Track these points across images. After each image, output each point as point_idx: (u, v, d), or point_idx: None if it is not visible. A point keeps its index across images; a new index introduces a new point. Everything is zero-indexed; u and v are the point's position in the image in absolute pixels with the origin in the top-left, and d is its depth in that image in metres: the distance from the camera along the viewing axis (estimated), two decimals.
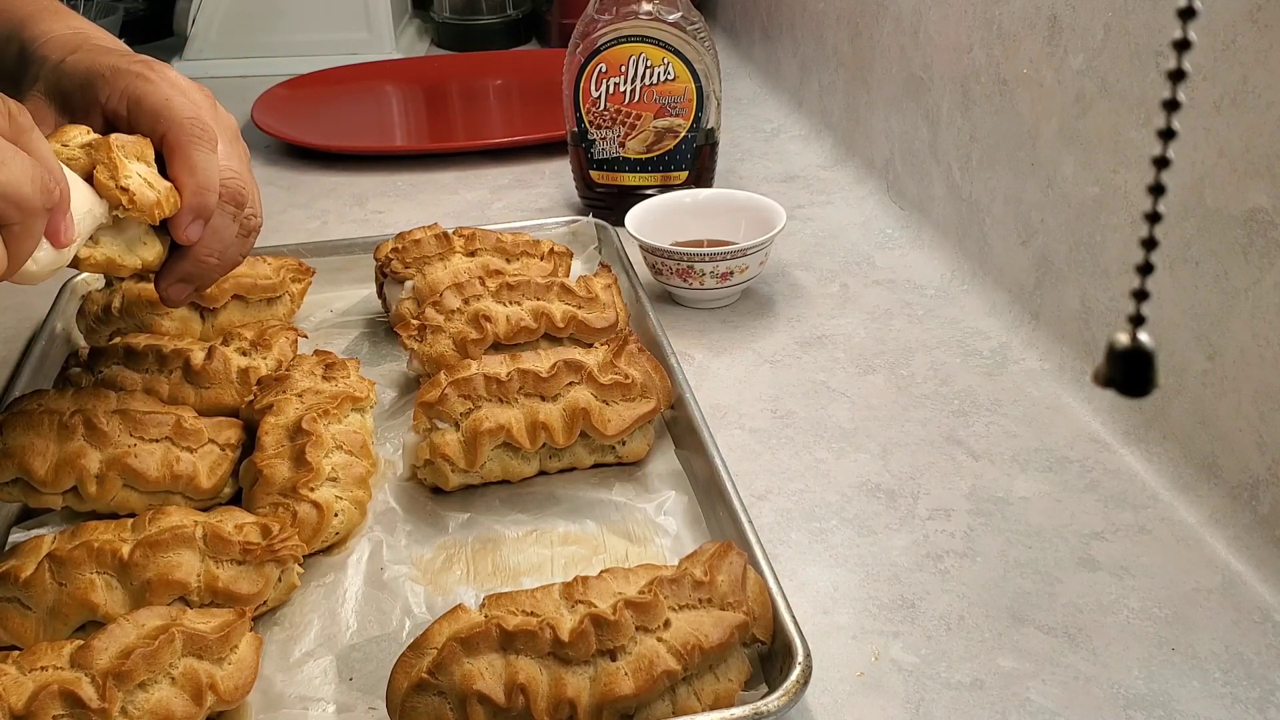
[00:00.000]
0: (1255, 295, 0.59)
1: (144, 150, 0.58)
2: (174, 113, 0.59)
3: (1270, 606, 0.57)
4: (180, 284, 0.62)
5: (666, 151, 1.01)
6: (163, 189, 0.58)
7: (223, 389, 0.72)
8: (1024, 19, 0.80)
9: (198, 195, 0.59)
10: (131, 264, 0.58)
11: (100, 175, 0.54)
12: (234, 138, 0.64)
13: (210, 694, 0.51)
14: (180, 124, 0.59)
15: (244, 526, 0.59)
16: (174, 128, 0.59)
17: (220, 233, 0.61)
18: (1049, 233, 0.79)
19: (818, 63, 1.22)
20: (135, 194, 0.55)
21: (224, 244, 0.62)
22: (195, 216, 0.59)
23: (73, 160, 0.55)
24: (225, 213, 0.61)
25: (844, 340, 0.84)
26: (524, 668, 0.49)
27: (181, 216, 0.59)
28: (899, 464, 0.70)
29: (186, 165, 0.59)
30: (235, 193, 0.61)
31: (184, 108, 0.60)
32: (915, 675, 0.55)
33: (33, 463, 0.62)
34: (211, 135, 0.60)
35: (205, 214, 0.60)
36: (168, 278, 0.62)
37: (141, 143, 0.58)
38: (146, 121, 0.60)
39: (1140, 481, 0.67)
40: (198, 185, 0.59)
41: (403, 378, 0.80)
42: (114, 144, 0.55)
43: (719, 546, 0.54)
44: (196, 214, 0.59)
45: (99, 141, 0.55)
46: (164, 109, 0.59)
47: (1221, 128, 0.60)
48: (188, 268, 0.62)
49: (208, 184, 0.59)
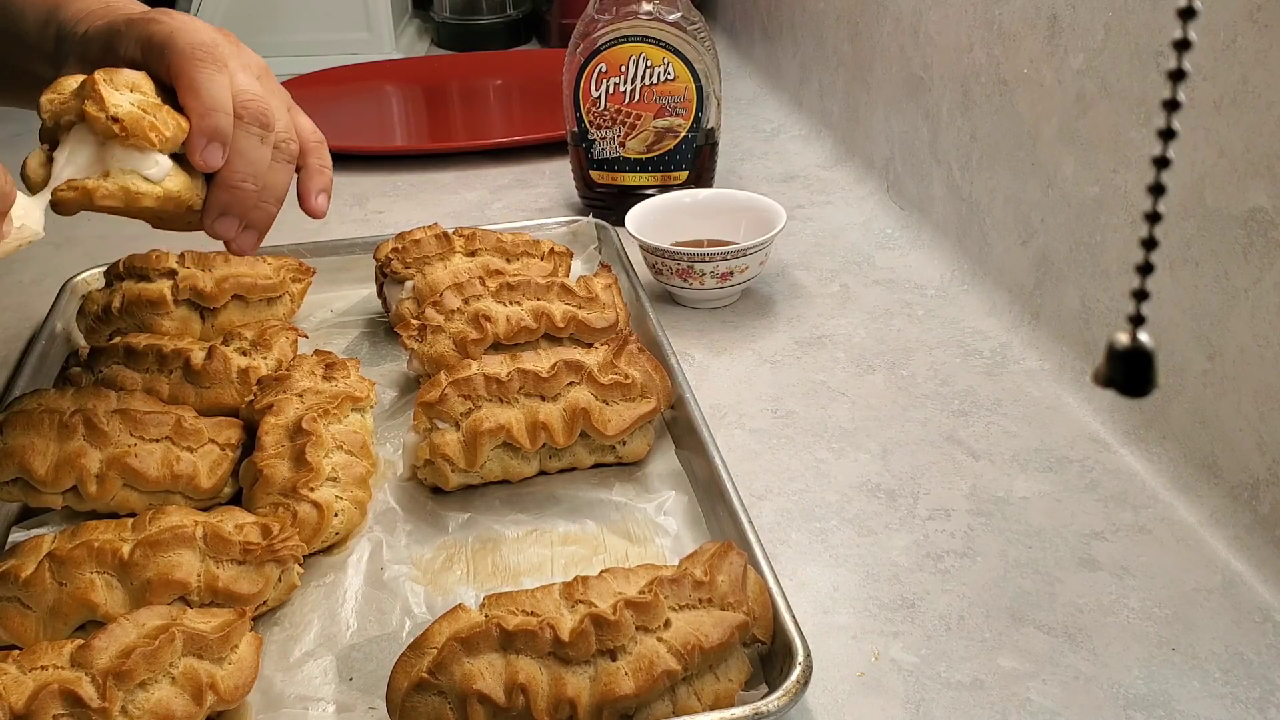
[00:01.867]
0: (1255, 295, 0.59)
1: (138, 82, 0.57)
2: (176, 42, 0.58)
3: (1270, 606, 0.57)
4: (225, 218, 0.60)
5: (666, 151, 1.01)
6: (164, 116, 0.56)
7: (223, 389, 0.72)
8: (1024, 19, 0.80)
9: (204, 117, 0.57)
10: (152, 192, 0.57)
11: (89, 109, 0.54)
12: (262, 73, 0.63)
13: (210, 694, 0.51)
14: (181, 50, 0.58)
15: (244, 526, 0.59)
16: (176, 55, 0.58)
17: (247, 155, 0.59)
18: (1049, 233, 0.79)
19: (818, 63, 1.22)
20: (125, 120, 0.54)
21: (256, 169, 0.60)
22: (208, 139, 0.58)
23: (65, 107, 0.54)
24: (250, 134, 0.59)
25: (844, 340, 0.84)
26: (524, 667, 0.49)
27: (193, 140, 0.57)
28: (899, 464, 0.70)
29: (190, 89, 0.58)
30: (257, 114, 0.59)
31: (188, 36, 0.58)
32: (915, 675, 0.55)
33: (33, 462, 0.62)
34: (217, 59, 0.58)
35: (217, 136, 0.58)
36: (209, 213, 0.60)
37: (135, 75, 0.57)
38: (156, 59, 0.58)
39: (1140, 481, 0.67)
40: (203, 107, 0.57)
41: (403, 378, 0.80)
42: (99, 78, 0.55)
43: (719, 546, 0.54)
44: (208, 136, 0.58)
45: (85, 80, 0.55)
46: (168, 41, 0.58)
47: (1221, 128, 0.60)
48: (223, 197, 0.60)
49: (214, 104, 0.58)
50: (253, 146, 0.59)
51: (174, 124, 0.57)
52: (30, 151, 0.56)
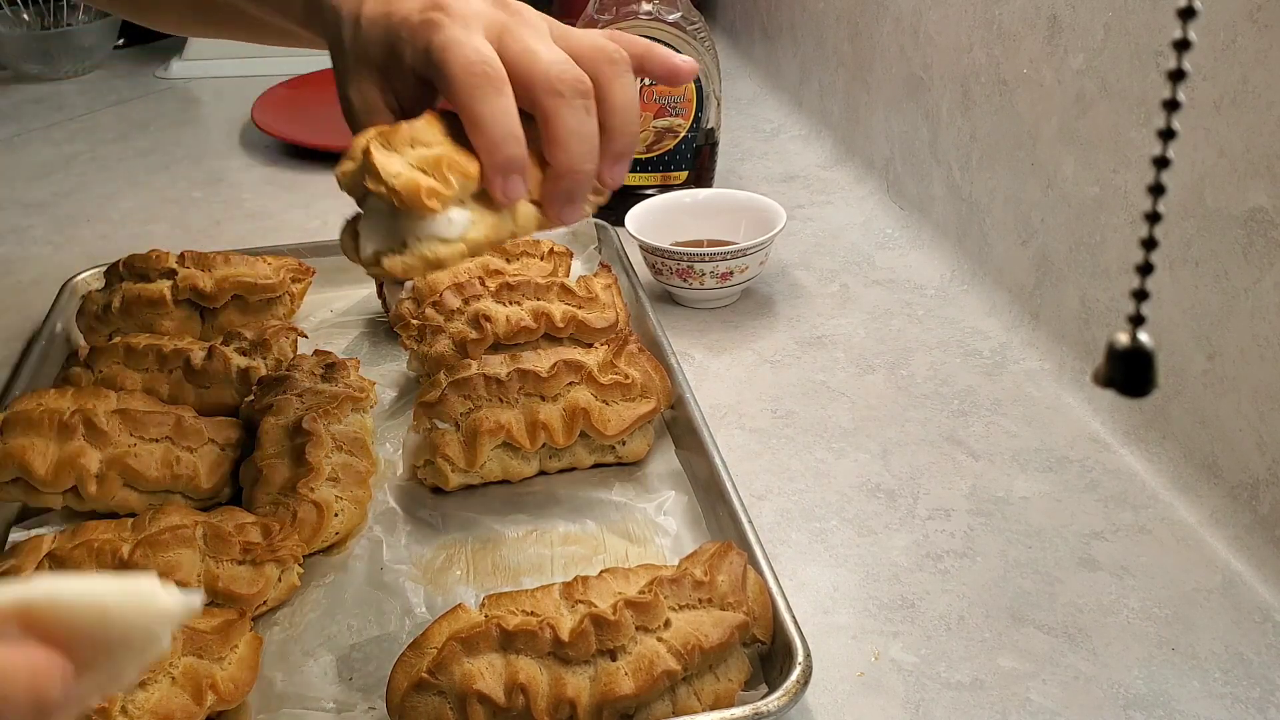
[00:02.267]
0: (1255, 295, 0.59)
1: (419, 133, 0.51)
2: (449, 67, 0.51)
3: (1270, 606, 0.57)
4: (570, 206, 0.53)
5: (666, 151, 1.01)
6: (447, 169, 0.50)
7: (222, 389, 0.72)
8: (1024, 19, 0.80)
9: (492, 154, 0.51)
10: (453, 253, 0.52)
11: (370, 185, 0.49)
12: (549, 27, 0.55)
13: (210, 693, 0.51)
14: (455, 78, 0.51)
15: (244, 526, 0.59)
16: (451, 84, 0.51)
17: (579, 132, 0.52)
18: (1049, 233, 0.79)
19: (818, 63, 1.22)
20: (401, 192, 0.49)
21: (589, 144, 0.52)
22: (502, 175, 0.51)
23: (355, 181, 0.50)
24: (574, 109, 0.52)
25: (844, 340, 0.84)
26: (524, 667, 0.49)
27: (488, 179, 0.51)
28: (899, 464, 0.70)
29: (472, 124, 0.51)
30: (573, 83, 0.51)
31: (461, 54, 0.51)
32: (915, 675, 0.55)
33: (33, 462, 0.62)
34: (493, 78, 0.51)
35: (511, 168, 0.51)
36: (553, 208, 0.54)
37: (418, 125, 0.51)
38: (436, 79, 0.52)
39: (1140, 481, 0.67)
40: (489, 143, 0.51)
41: (403, 378, 0.80)
42: (375, 144, 0.50)
43: (719, 546, 0.54)
44: (502, 172, 0.51)
45: (365, 148, 0.50)
46: (442, 64, 0.51)
47: (1221, 128, 0.60)
48: (565, 186, 0.53)
49: (500, 136, 0.51)
50: (581, 122, 0.52)
51: (460, 172, 0.51)
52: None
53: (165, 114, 1.42)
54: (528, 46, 0.52)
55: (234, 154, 1.27)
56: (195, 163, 1.25)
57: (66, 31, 1.55)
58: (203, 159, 1.27)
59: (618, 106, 0.53)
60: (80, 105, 1.46)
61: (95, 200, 1.16)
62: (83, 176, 1.22)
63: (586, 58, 0.53)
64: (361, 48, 0.55)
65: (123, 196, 1.17)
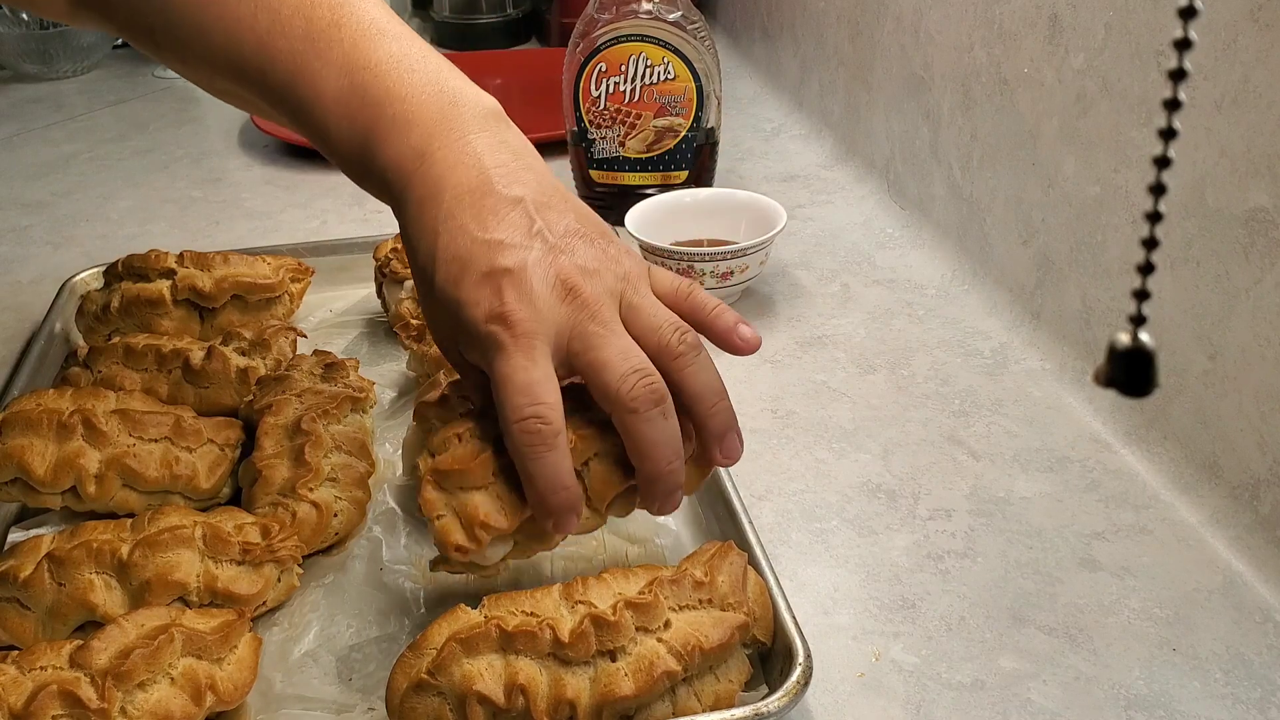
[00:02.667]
0: (1256, 295, 0.59)
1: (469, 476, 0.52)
2: (503, 409, 0.50)
3: (1271, 607, 0.57)
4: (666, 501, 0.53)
5: (666, 151, 1.01)
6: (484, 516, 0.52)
7: (222, 389, 0.72)
8: (1025, 18, 0.80)
9: (538, 505, 0.51)
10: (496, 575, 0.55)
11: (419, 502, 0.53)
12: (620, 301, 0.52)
13: (210, 694, 0.50)
14: (507, 427, 0.50)
15: (244, 526, 0.59)
16: (504, 429, 0.50)
17: (661, 440, 0.50)
18: (1050, 232, 0.79)
19: (818, 62, 1.22)
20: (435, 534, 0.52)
21: (673, 445, 0.51)
22: (552, 520, 0.51)
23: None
24: (652, 423, 0.50)
25: (844, 340, 0.84)
26: (524, 668, 0.49)
27: (540, 521, 0.52)
28: (899, 464, 0.70)
29: (520, 473, 0.51)
30: (646, 397, 0.50)
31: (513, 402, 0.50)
32: (916, 676, 0.54)
33: (31, 462, 0.62)
34: (545, 433, 0.49)
35: (561, 511, 0.51)
36: (651, 508, 0.54)
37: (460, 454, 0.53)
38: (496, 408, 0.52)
39: (1141, 482, 0.67)
40: (536, 497, 0.51)
41: (403, 378, 0.80)
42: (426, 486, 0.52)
43: (719, 547, 0.54)
44: (550, 516, 0.51)
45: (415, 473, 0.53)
46: (498, 402, 0.51)
47: (1222, 127, 0.60)
48: (657, 489, 0.52)
49: (544, 491, 0.50)
50: (660, 430, 0.50)
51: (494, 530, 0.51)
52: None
53: (164, 114, 1.42)
54: (596, 359, 0.50)
55: (233, 154, 1.27)
56: (194, 162, 1.25)
57: (65, 31, 1.55)
58: (202, 159, 1.26)
59: (699, 396, 0.52)
60: (79, 105, 1.46)
61: (94, 200, 1.16)
62: (81, 176, 1.22)
63: (654, 349, 0.51)
64: (433, 310, 0.54)
65: (121, 196, 1.17)
